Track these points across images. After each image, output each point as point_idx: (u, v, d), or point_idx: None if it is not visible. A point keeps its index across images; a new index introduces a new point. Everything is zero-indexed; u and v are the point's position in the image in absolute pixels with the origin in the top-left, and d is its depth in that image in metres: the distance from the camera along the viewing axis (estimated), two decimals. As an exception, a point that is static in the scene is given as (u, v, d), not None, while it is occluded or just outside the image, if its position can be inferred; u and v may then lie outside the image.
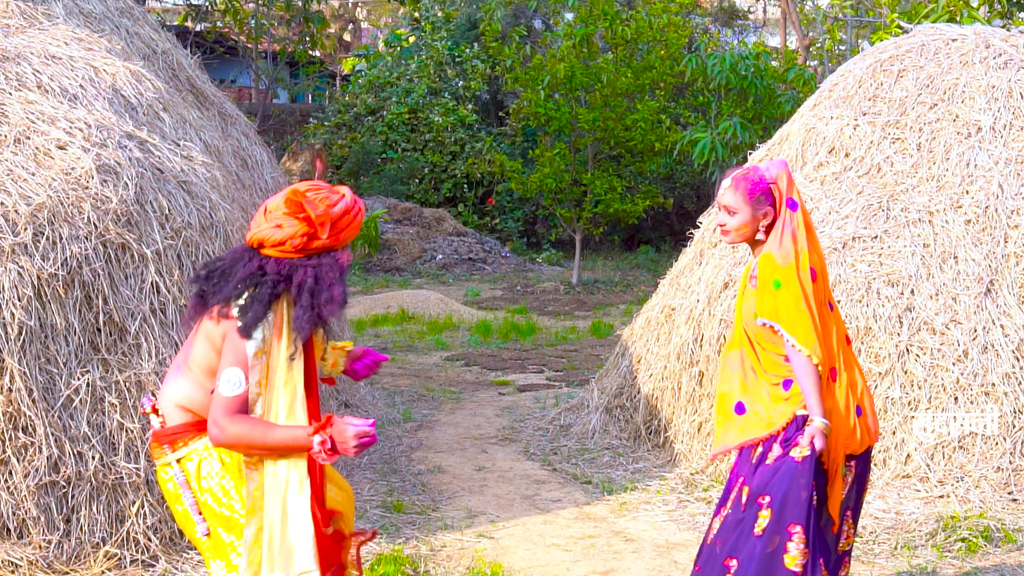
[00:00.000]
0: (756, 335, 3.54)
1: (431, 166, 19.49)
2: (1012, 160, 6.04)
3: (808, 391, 3.41)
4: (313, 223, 3.16)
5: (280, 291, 3.17)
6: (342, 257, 3.26)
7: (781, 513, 3.38)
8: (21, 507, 4.42)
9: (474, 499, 5.78)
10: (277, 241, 3.18)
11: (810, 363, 3.40)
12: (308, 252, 3.21)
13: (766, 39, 26.45)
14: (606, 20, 14.35)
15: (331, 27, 25.92)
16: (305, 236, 3.17)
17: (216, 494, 3.25)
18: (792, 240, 3.49)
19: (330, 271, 3.19)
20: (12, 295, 4.52)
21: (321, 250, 3.21)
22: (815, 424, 3.39)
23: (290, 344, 3.15)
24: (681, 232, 14.82)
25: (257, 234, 3.20)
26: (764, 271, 3.49)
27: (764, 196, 3.52)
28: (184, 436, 3.26)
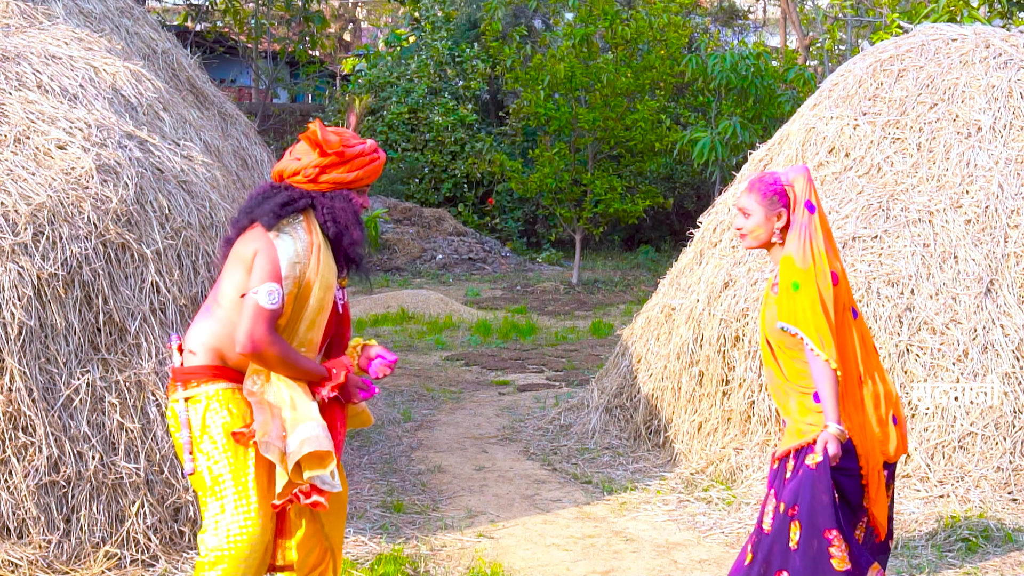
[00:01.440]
0: (779, 344, 3.50)
1: (431, 166, 19.49)
2: (1012, 160, 6.04)
3: (825, 396, 3.38)
4: (326, 153, 3.27)
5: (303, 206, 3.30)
6: (356, 199, 3.33)
7: (811, 522, 3.35)
8: (21, 507, 4.42)
9: (474, 499, 5.78)
10: (294, 171, 3.34)
11: (828, 367, 3.36)
12: (321, 186, 3.27)
13: (766, 39, 26.45)
14: (606, 20, 14.36)
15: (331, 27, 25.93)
16: (318, 167, 3.30)
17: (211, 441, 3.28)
18: (809, 242, 3.45)
19: (344, 212, 3.32)
20: (12, 295, 4.52)
21: (334, 186, 3.29)
22: (829, 430, 3.36)
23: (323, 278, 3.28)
24: (681, 232, 14.83)
25: (278, 166, 3.38)
26: (784, 273, 3.45)
27: (778, 197, 3.49)
28: (199, 377, 3.33)
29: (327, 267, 3.33)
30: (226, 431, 3.28)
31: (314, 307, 3.31)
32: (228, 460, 3.27)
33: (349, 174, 3.32)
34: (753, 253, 6.27)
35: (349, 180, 3.32)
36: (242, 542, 3.25)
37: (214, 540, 3.26)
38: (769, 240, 3.53)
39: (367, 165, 3.35)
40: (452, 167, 19.43)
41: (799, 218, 3.48)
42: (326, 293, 3.32)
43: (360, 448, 6.67)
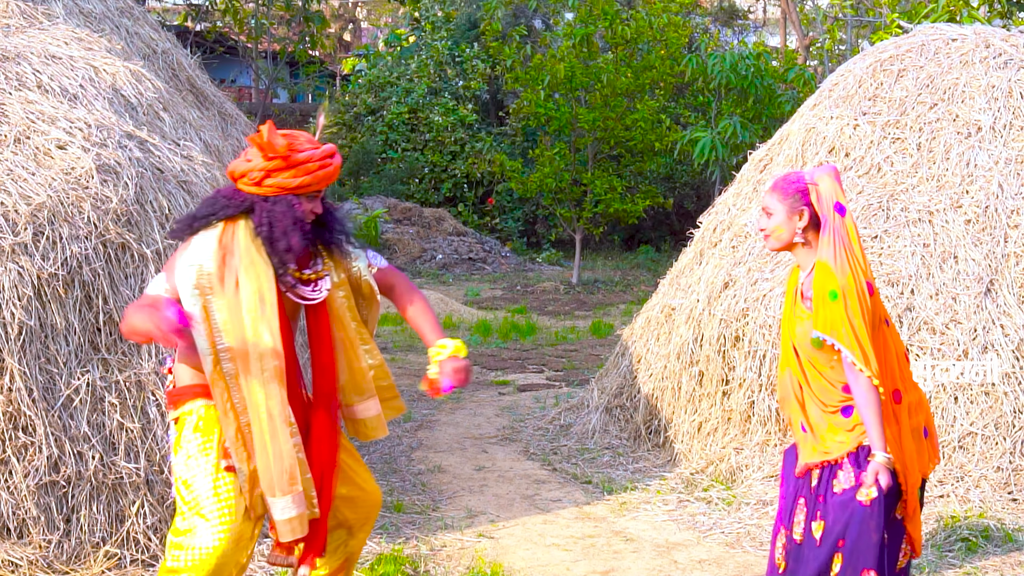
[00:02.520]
0: (812, 358, 3.37)
1: (431, 166, 19.49)
2: (1012, 160, 6.04)
3: (871, 421, 3.23)
4: (269, 157, 3.21)
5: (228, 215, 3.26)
6: (303, 205, 3.27)
7: (853, 559, 3.25)
8: (21, 507, 4.42)
9: (474, 499, 5.78)
10: (241, 172, 3.28)
11: (871, 386, 3.21)
12: (265, 190, 3.24)
13: (766, 39, 26.45)
14: (606, 20, 14.36)
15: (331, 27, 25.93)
16: (262, 171, 3.23)
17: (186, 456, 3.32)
18: (845, 248, 3.30)
19: (281, 218, 3.24)
20: (12, 295, 4.52)
21: (278, 191, 3.23)
22: (878, 460, 3.22)
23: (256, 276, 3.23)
24: (681, 232, 14.83)
25: (230, 165, 3.33)
26: (820, 282, 3.29)
27: (800, 195, 3.36)
28: (183, 397, 3.33)
29: (251, 268, 3.25)
30: (199, 447, 3.29)
31: (249, 307, 3.25)
32: (201, 475, 3.28)
33: (294, 179, 3.23)
34: (753, 253, 6.27)
35: (294, 185, 3.23)
36: (208, 556, 3.24)
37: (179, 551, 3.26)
38: (791, 240, 3.41)
39: (315, 171, 3.25)
40: (452, 167, 19.43)
41: (830, 221, 3.33)
42: (257, 295, 3.25)
43: (360, 448, 6.67)
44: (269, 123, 3.24)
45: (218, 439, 3.32)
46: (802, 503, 3.44)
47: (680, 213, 18.89)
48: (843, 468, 3.34)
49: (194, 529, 3.25)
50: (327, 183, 3.31)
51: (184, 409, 3.36)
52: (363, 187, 19.20)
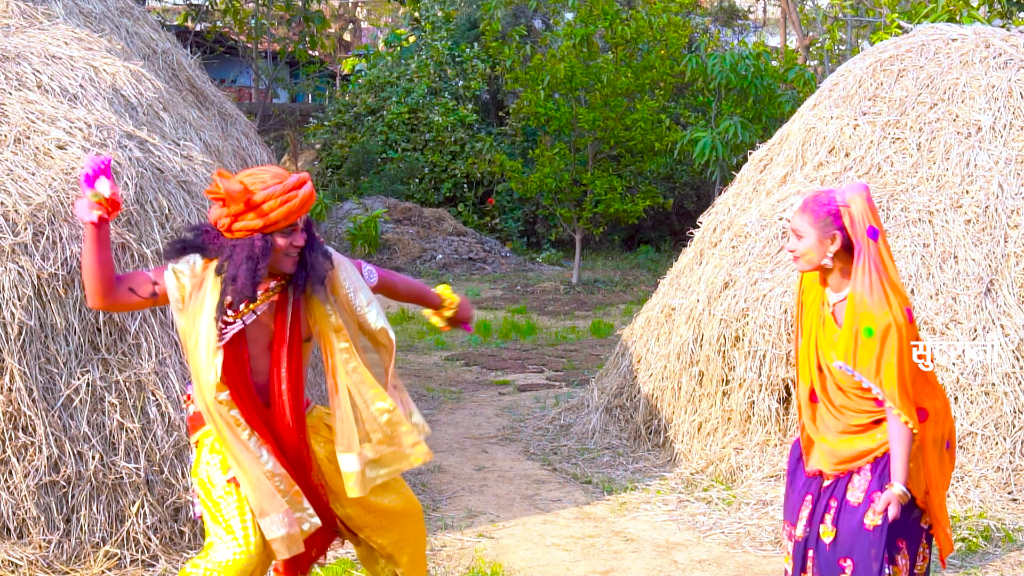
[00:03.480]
0: (838, 378, 3.36)
1: (431, 166, 19.48)
2: (1012, 160, 6.04)
3: (897, 454, 3.24)
4: (228, 204, 3.23)
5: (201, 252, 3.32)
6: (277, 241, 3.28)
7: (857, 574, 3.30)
8: (21, 507, 4.42)
9: (474, 499, 5.78)
10: (214, 220, 3.32)
11: (905, 428, 3.23)
12: (236, 234, 3.28)
13: (766, 39, 26.44)
14: (606, 20, 14.35)
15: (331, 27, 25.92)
16: (229, 217, 3.26)
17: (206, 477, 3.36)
18: (880, 276, 3.26)
19: (238, 254, 3.26)
20: (12, 295, 4.52)
21: (248, 233, 3.27)
22: (895, 491, 3.24)
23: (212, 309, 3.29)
24: (681, 232, 14.82)
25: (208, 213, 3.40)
26: (855, 315, 3.26)
27: (832, 219, 3.29)
28: (201, 422, 3.37)
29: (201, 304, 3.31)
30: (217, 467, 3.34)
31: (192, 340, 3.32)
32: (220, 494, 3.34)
33: (259, 220, 3.23)
34: (753, 253, 6.27)
35: (259, 226, 3.23)
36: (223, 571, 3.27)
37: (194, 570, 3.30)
38: (822, 263, 3.36)
39: (278, 208, 3.23)
40: (452, 167, 19.43)
41: (864, 248, 3.27)
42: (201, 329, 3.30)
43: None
44: (218, 172, 3.25)
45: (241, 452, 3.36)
46: (808, 500, 3.44)
47: (680, 213, 18.89)
48: (860, 473, 3.34)
49: (214, 545, 3.30)
50: (296, 216, 3.28)
51: (202, 431, 3.42)
52: (363, 187, 19.19)
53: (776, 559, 4.81)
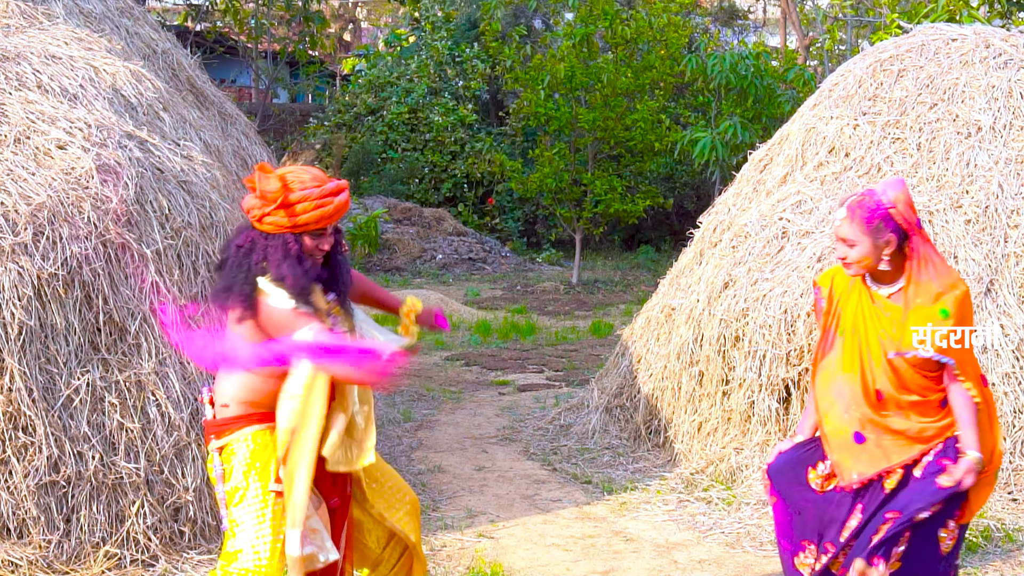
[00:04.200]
0: (903, 372, 3.40)
1: (431, 166, 19.49)
2: (1012, 160, 6.04)
3: (967, 423, 3.33)
4: (264, 197, 3.23)
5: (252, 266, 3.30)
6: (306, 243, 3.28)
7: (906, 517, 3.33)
8: (21, 507, 4.42)
9: (474, 499, 5.78)
10: (247, 208, 3.33)
11: (970, 396, 3.33)
12: (265, 227, 3.29)
13: (766, 39, 26.44)
14: (606, 20, 14.35)
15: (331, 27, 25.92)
16: (260, 210, 3.27)
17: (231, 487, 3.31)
18: (940, 261, 3.36)
19: (274, 253, 3.26)
20: (12, 295, 4.52)
21: (276, 229, 3.28)
22: (972, 458, 3.31)
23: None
24: (681, 232, 14.82)
25: (241, 201, 3.38)
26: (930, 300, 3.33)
27: (884, 223, 3.33)
28: (230, 427, 3.34)
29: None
30: (245, 473, 3.32)
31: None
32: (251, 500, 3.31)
33: (289, 219, 3.24)
34: (753, 253, 6.27)
35: (289, 226, 3.25)
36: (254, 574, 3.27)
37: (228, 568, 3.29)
38: (877, 267, 3.40)
39: (311, 211, 3.23)
40: (452, 167, 19.43)
41: (918, 244, 3.36)
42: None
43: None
44: (261, 166, 3.25)
45: (273, 465, 3.33)
46: (859, 508, 3.43)
47: (680, 213, 18.88)
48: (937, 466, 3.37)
49: (239, 553, 3.28)
50: (328, 222, 3.29)
51: (232, 437, 3.36)
52: (363, 187, 19.19)
53: (776, 559, 4.81)
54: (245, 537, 3.29)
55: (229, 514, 3.33)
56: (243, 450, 3.34)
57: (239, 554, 3.28)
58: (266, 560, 3.27)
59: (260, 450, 3.33)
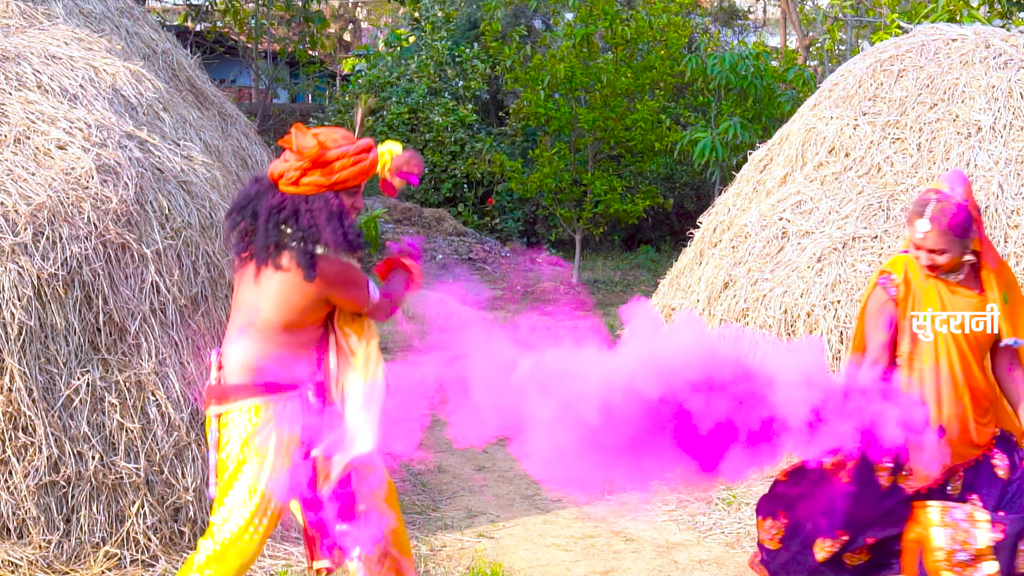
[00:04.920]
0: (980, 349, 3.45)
1: (431, 166, 19.48)
2: (1012, 160, 6.04)
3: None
4: (302, 157, 3.22)
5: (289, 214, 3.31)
6: (343, 200, 3.30)
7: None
8: (21, 507, 4.42)
9: (474, 499, 5.78)
10: (279, 173, 3.31)
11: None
12: (303, 189, 3.27)
13: (766, 39, 26.43)
14: (606, 20, 14.35)
15: (331, 27, 25.92)
16: (298, 171, 3.27)
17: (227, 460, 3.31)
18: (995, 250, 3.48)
19: (320, 212, 3.28)
20: (12, 295, 4.52)
21: (316, 189, 3.28)
22: None
23: None
24: (681, 232, 14.82)
25: (271, 167, 3.36)
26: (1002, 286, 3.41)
27: (968, 223, 3.37)
28: (234, 395, 3.31)
29: None
30: (242, 448, 3.30)
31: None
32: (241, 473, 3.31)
33: (329, 177, 3.27)
34: (753, 253, 6.27)
35: (329, 183, 3.28)
36: (235, 550, 3.28)
37: (210, 543, 3.30)
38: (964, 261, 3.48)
39: (349, 167, 3.29)
40: (452, 167, 19.43)
41: (982, 232, 3.45)
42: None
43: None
44: (297, 125, 3.29)
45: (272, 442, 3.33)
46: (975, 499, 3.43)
47: (680, 213, 18.87)
48: (995, 456, 3.41)
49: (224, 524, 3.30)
50: (364, 178, 3.35)
51: (233, 406, 3.33)
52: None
53: (776, 559, 4.81)
54: (226, 510, 3.31)
55: (218, 483, 3.33)
56: (242, 422, 3.31)
57: (222, 525, 3.30)
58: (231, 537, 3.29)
59: (261, 425, 3.32)
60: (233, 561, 3.30)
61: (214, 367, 3.38)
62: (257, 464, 3.30)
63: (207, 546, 3.32)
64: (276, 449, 3.32)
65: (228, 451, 3.32)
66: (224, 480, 3.33)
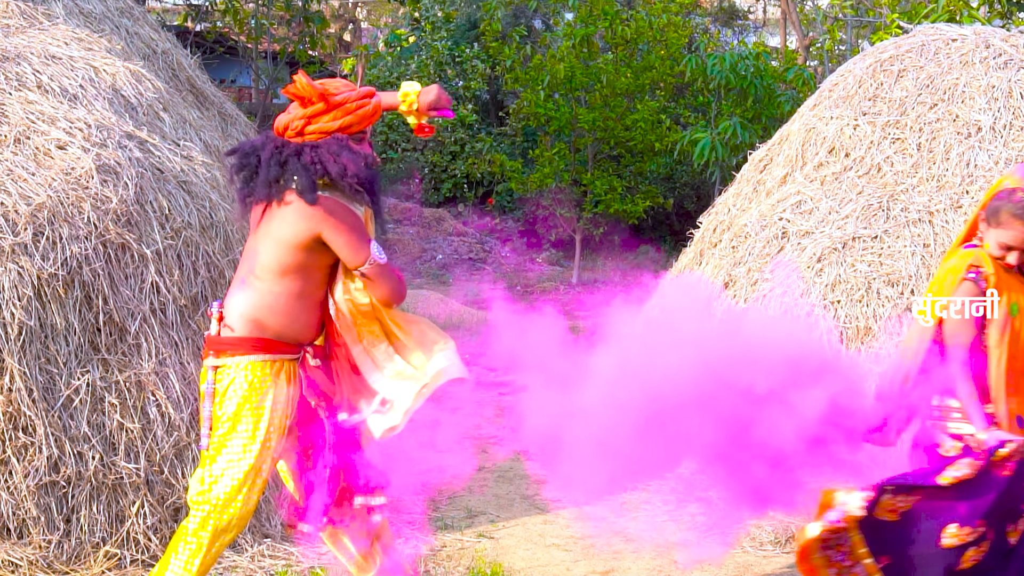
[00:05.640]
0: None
1: (431, 166, 19.48)
2: (1012, 160, 6.04)
3: None
4: (308, 103, 3.26)
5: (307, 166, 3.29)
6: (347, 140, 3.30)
7: None
8: (21, 507, 4.42)
9: (474, 499, 5.78)
10: (284, 125, 3.33)
11: None
12: (309, 137, 3.30)
13: (766, 39, 26.43)
14: (606, 20, 14.36)
15: (331, 27, 25.92)
16: (303, 118, 3.29)
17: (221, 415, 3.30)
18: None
19: (329, 148, 3.27)
20: (12, 295, 4.52)
21: (322, 135, 3.30)
22: None
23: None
24: (681, 232, 14.81)
25: (274, 121, 3.38)
26: None
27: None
28: (232, 348, 3.32)
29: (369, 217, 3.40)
30: (238, 405, 3.29)
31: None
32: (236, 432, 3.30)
33: (335, 122, 3.28)
34: (753, 253, 6.27)
35: (336, 128, 3.28)
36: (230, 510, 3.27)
37: (205, 506, 3.29)
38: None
39: (354, 111, 3.30)
40: (452, 167, 19.43)
41: None
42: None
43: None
44: (301, 72, 3.30)
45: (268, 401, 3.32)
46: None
47: (680, 213, 18.87)
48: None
49: (214, 483, 3.29)
50: (368, 123, 3.35)
51: (231, 361, 3.32)
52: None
53: (776, 559, 4.81)
54: (219, 467, 3.30)
55: (211, 436, 3.33)
56: (240, 379, 3.30)
57: (214, 484, 3.29)
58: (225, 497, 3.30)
59: (258, 384, 3.31)
60: (228, 521, 3.30)
61: (214, 318, 3.37)
62: (253, 423, 3.30)
63: (202, 509, 3.31)
64: (272, 408, 3.31)
65: (224, 408, 3.31)
66: (218, 436, 3.32)
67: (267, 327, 3.33)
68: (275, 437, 3.35)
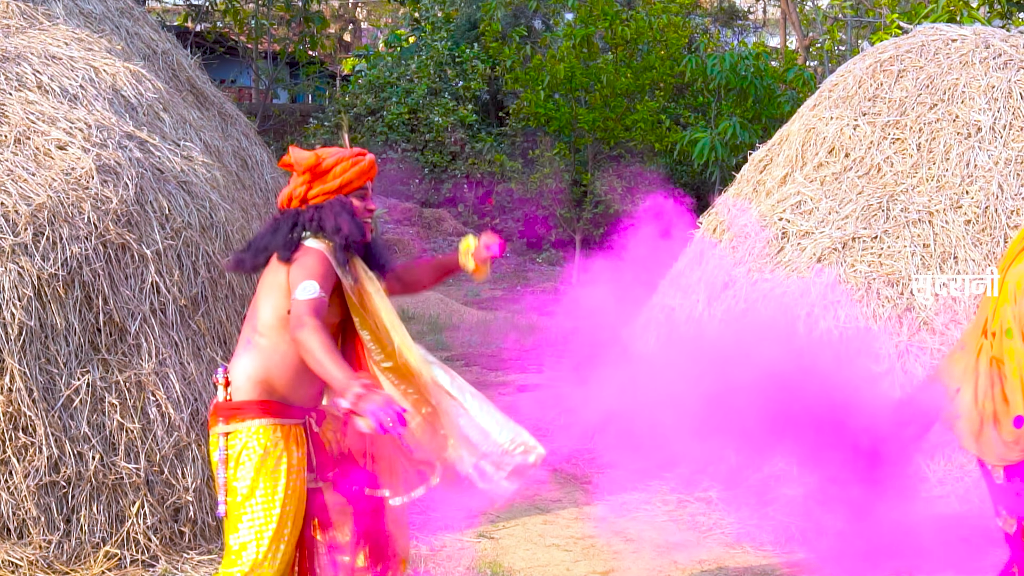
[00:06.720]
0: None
1: (431, 166, 19.48)
2: (1012, 160, 6.04)
3: None
4: (302, 172, 3.40)
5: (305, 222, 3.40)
6: (354, 204, 3.44)
7: None
8: (21, 507, 4.42)
9: (474, 499, 5.78)
10: (287, 196, 3.46)
11: None
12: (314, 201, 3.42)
13: (766, 39, 26.44)
14: (606, 20, 14.37)
15: (331, 27, 25.93)
16: (304, 185, 3.42)
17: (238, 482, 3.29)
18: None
19: (330, 210, 3.40)
20: (12, 295, 4.52)
21: (325, 197, 3.42)
22: None
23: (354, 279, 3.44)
24: (681, 232, 14.81)
25: (278, 198, 3.53)
26: None
27: None
28: (242, 413, 3.31)
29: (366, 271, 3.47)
30: (255, 470, 3.29)
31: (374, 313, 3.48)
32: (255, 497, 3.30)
33: (334, 182, 3.40)
34: (753, 253, 6.27)
35: (336, 187, 3.40)
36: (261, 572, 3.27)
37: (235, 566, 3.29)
38: None
39: (349, 169, 3.42)
40: (452, 167, 19.43)
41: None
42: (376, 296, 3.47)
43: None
44: (292, 147, 3.46)
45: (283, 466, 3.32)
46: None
47: (680, 213, 18.86)
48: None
49: (242, 551, 3.27)
50: (367, 178, 3.47)
51: (240, 427, 3.32)
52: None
53: (776, 559, 4.81)
54: (245, 535, 3.29)
55: (229, 505, 3.32)
56: (253, 443, 3.29)
57: (243, 551, 3.29)
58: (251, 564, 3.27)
59: (272, 447, 3.31)
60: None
61: (221, 385, 3.37)
62: (271, 487, 3.30)
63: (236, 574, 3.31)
64: (288, 472, 3.32)
65: (239, 473, 3.30)
66: (237, 503, 3.31)
67: (275, 388, 3.33)
68: (293, 501, 3.35)
